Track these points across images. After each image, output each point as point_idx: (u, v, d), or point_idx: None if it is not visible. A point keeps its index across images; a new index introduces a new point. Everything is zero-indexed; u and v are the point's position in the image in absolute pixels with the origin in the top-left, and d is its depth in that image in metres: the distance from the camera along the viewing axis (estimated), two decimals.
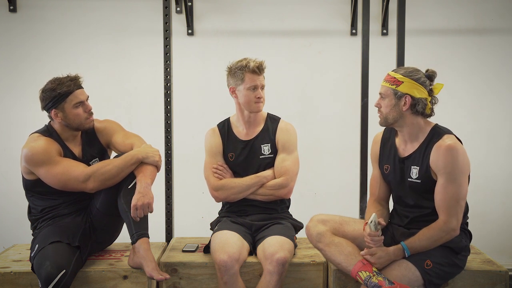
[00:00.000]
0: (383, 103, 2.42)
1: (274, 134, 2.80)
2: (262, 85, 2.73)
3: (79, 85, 2.60)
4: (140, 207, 2.46)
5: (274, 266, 2.42)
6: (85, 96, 2.61)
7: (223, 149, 2.82)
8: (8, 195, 3.85)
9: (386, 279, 2.25)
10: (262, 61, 2.72)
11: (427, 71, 2.41)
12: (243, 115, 2.80)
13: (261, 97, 2.73)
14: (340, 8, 3.84)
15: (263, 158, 2.78)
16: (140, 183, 2.51)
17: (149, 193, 2.50)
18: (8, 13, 3.82)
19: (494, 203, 3.90)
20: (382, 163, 2.55)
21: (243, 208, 2.80)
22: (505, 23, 3.83)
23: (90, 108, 2.63)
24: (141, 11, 3.83)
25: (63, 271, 2.30)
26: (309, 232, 2.49)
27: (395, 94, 2.37)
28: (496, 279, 2.49)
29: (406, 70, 2.40)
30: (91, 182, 2.51)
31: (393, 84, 2.38)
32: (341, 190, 3.82)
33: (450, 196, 2.29)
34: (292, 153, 2.77)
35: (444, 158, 2.30)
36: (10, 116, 3.86)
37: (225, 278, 2.43)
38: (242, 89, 2.71)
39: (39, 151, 2.50)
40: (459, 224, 2.31)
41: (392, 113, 2.39)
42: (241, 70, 2.69)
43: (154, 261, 2.48)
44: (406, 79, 2.36)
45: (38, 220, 2.64)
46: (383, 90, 2.42)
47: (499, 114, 3.88)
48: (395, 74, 2.39)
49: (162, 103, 3.20)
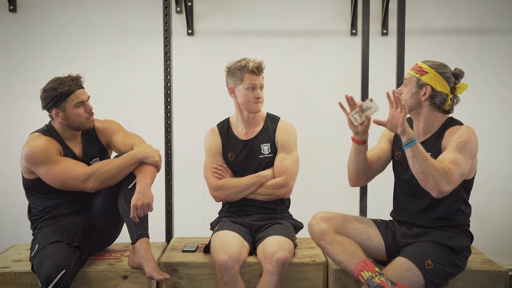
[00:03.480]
0: (404, 90, 2.47)
1: (273, 134, 2.80)
2: (261, 85, 2.74)
3: (80, 85, 2.60)
4: (140, 207, 2.46)
5: (274, 266, 2.42)
6: (86, 96, 2.61)
7: (223, 149, 2.82)
8: (8, 195, 3.85)
9: (388, 279, 2.24)
10: (261, 61, 2.72)
11: (455, 70, 2.46)
12: (242, 115, 2.80)
13: (260, 97, 2.73)
14: (340, 8, 3.85)
15: (262, 158, 2.78)
16: (140, 183, 2.51)
17: (149, 193, 2.49)
18: (8, 13, 3.82)
19: (494, 203, 3.89)
20: (394, 149, 2.57)
21: (243, 208, 2.80)
22: (505, 23, 3.83)
23: (91, 108, 2.63)
24: (141, 11, 3.83)
25: (63, 271, 2.30)
26: (312, 229, 2.48)
27: (417, 82, 2.43)
28: (496, 279, 2.49)
29: (434, 62, 2.45)
30: (91, 182, 2.51)
31: (418, 72, 2.44)
32: (341, 190, 3.80)
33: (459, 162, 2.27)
34: (291, 153, 2.77)
35: (458, 132, 2.35)
36: (10, 116, 3.86)
37: (225, 278, 2.43)
38: (241, 89, 2.71)
39: (39, 150, 2.50)
40: (454, 185, 2.27)
41: (410, 100, 2.44)
42: (240, 70, 2.69)
43: (154, 261, 2.48)
44: (432, 70, 2.41)
45: (38, 220, 2.64)
46: (407, 77, 2.48)
47: (499, 114, 3.88)
48: (422, 64, 2.45)
49: (162, 103, 3.20)
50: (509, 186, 3.90)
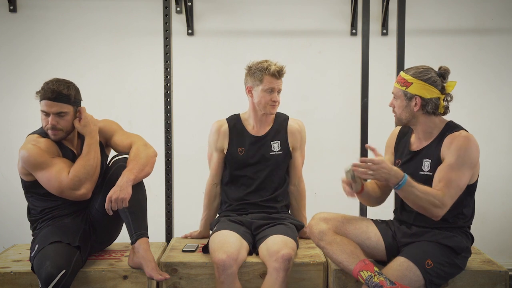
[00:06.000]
0: (396, 103, 2.46)
1: (285, 132, 2.86)
2: (279, 89, 2.79)
3: (50, 96, 2.51)
4: (115, 201, 2.43)
5: (280, 263, 2.42)
6: (50, 109, 2.51)
7: (232, 143, 2.85)
8: (8, 195, 3.85)
9: (387, 279, 2.24)
10: (283, 66, 2.77)
11: (440, 69, 2.43)
12: (256, 114, 2.85)
13: (276, 101, 2.79)
14: (340, 8, 3.84)
15: (272, 155, 2.82)
16: (122, 177, 2.48)
17: (127, 188, 2.45)
18: (8, 13, 3.82)
19: (494, 203, 3.89)
20: (396, 158, 2.58)
21: (243, 206, 2.81)
22: (505, 23, 3.82)
23: (53, 123, 2.53)
24: (141, 11, 3.83)
25: (63, 271, 2.30)
26: (311, 230, 2.48)
27: (405, 95, 2.41)
28: (496, 279, 2.49)
29: (416, 70, 2.41)
30: (82, 188, 2.51)
31: (403, 85, 2.41)
32: (341, 190, 3.78)
33: (453, 177, 2.28)
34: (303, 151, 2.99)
35: (456, 143, 2.32)
36: (10, 116, 3.86)
37: (222, 278, 2.42)
38: (259, 90, 2.75)
39: (36, 153, 2.49)
40: (448, 206, 2.29)
41: (404, 114, 2.43)
42: (261, 71, 2.73)
43: (154, 261, 2.48)
44: (415, 80, 2.38)
45: (38, 220, 2.63)
46: (394, 91, 2.46)
47: (499, 114, 3.87)
48: (405, 75, 2.42)
49: (162, 103, 3.20)
50: (509, 186, 3.89)
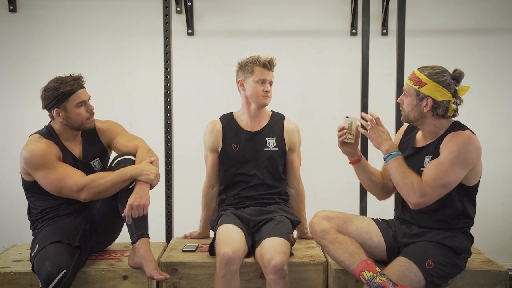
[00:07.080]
0: (405, 100, 2.44)
1: (281, 130, 2.86)
2: (270, 81, 2.80)
3: (82, 84, 2.60)
4: (136, 207, 2.46)
5: (274, 274, 2.39)
6: (87, 96, 2.62)
7: (226, 140, 2.84)
8: (8, 195, 3.85)
9: (389, 280, 2.24)
10: (273, 58, 2.79)
11: (455, 72, 2.41)
12: (250, 109, 2.84)
13: (268, 91, 2.79)
14: (340, 8, 3.84)
15: (267, 151, 2.82)
16: (139, 185, 2.51)
17: (146, 195, 2.50)
18: (8, 13, 3.82)
19: (494, 203, 3.89)
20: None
21: (240, 199, 2.81)
22: (505, 23, 3.82)
23: (92, 108, 2.63)
24: (141, 11, 3.83)
25: (64, 271, 2.29)
26: (313, 228, 2.48)
27: (417, 94, 2.39)
28: (496, 279, 2.49)
29: (432, 71, 2.38)
30: (83, 193, 2.49)
31: (416, 84, 2.39)
32: (341, 190, 3.81)
33: (439, 174, 2.28)
34: (299, 152, 2.97)
35: (454, 141, 2.32)
36: (10, 116, 3.86)
37: (223, 272, 2.40)
38: (250, 82, 2.77)
39: (37, 154, 2.49)
40: (427, 197, 2.30)
41: (413, 113, 2.42)
42: (252, 63, 2.77)
43: (154, 261, 2.48)
44: (430, 81, 2.36)
45: (38, 220, 2.63)
46: (406, 88, 2.44)
47: (499, 114, 3.88)
48: (419, 74, 2.39)
49: (162, 103, 3.20)
50: (509, 186, 3.89)
